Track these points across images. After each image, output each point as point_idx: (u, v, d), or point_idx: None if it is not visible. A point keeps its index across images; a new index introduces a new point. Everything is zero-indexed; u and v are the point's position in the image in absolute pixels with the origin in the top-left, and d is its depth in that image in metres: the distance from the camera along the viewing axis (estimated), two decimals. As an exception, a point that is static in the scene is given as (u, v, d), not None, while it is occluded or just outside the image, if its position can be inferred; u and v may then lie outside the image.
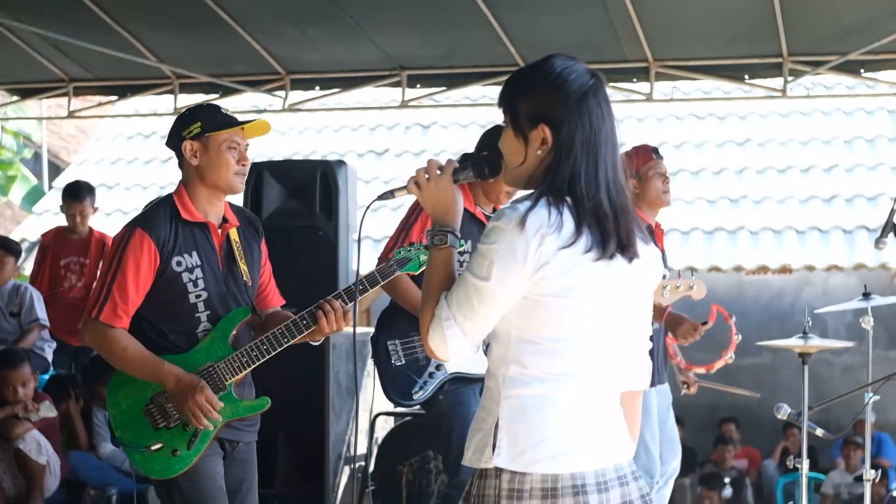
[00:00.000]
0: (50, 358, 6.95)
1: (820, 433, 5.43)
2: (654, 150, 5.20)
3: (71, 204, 7.27)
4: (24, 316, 6.84)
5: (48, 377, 6.70)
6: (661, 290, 4.94)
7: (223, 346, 3.72)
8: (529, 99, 2.46)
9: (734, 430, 10.18)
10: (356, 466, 6.56)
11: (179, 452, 3.65)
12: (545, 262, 2.34)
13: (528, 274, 2.34)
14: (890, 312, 5.58)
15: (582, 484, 2.34)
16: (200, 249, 3.72)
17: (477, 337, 2.40)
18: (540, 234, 2.34)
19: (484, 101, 11.34)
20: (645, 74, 7.38)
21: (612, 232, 2.38)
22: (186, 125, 3.76)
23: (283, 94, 7.91)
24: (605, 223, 2.38)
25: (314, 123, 12.14)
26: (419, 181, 2.55)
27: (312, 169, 6.38)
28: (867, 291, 5.68)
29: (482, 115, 11.87)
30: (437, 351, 2.42)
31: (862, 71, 7.25)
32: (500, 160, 2.55)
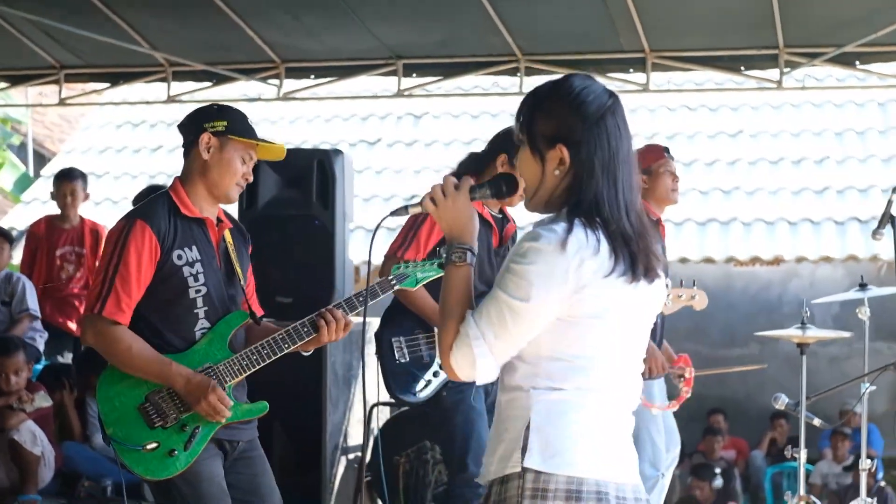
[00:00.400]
0: (42, 348, 6.91)
1: (818, 423, 5.47)
2: (665, 149, 5.33)
3: (63, 184, 7.23)
4: (14, 305, 6.79)
5: (41, 367, 6.66)
6: None
7: (221, 347, 3.69)
8: (547, 119, 2.45)
9: (722, 420, 10.22)
10: (353, 457, 6.55)
11: (177, 453, 3.60)
12: (584, 284, 2.36)
13: (566, 296, 2.35)
14: (879, 304, 5.61)
15: (605, 492, 2.36)
16: (199, 245, 3.69)
17: (505, 357, 2.39)
18: (580, 256, 2.35)
19: (477, 91, 11.32)
20: (641, 65, 7.35)
21: (638, 254, 2.40)
22: (212, 119, 3.73)
23: (277, 82, 7.85)
24: (631, 245, 2.40)
25: (305, 112, 12.09)
26: (435, 198, 2.51)
27: (309, 158, 6.33)
28: (864, 282, 5.70)
29: (474, 105, 11.85)
30: (459, 370, 2.39)
31: (857, 63, 7.25)
32: (516, 178, 2.56)
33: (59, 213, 7.30)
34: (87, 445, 6.31)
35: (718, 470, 9.54)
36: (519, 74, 7.46)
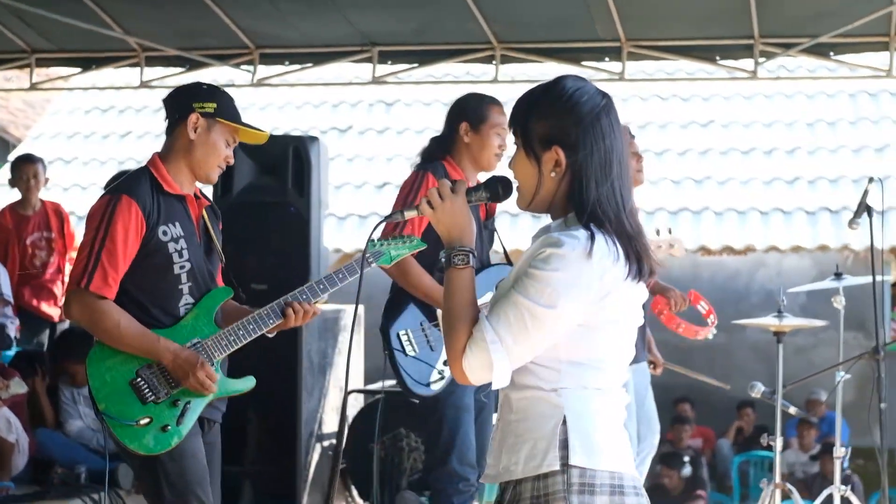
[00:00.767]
0: (13, 335, 6.84)
1: (793, 411, 5.52)
2: (626, 128, 5.24)
3: (25, 166, 7.21)
4: (-15, 291, 6.73)
5: (13, 354, 6.60)
6: None
7: (208, 322, 3.70)
8: (542, 121, 2.45)
9: (689, 409, 10.28)
10: (328, 444, 6.54)
11: (170, 428, 3.60)
12: (608, 292, 2.38)
13: (590, 303, 2.37)
14: (847, 293, 5.66)
15: (637, 486, 2.43)
16: (181, 221, 3.69)
17: (521, 362, 2.38)
18: (603, 263, 2.36)
19: (448, 79, 11.30)
20: (617, 54, 7.36)
21: (641, 254, 2.42)
22: (202, 99, 3.73)
23: (251, 68, 7.80)
24: (633, 245, 2.41)
25: (276, 99, 12.03)
26: (432, 202, 2.49)
27: (284, 144, 6.30)
28: (839, 272, 5.75)
29: (446, 93, 11.83)
30: (472, 373, 2.37)
31: (832, 54, 7.29)
32: (510, 181, 2.55)
33: (19, 199, 7.29)
34: (59, 432, 6.26)
35: (687, 458, 9.60)
36: (494, 62, 7.45)
